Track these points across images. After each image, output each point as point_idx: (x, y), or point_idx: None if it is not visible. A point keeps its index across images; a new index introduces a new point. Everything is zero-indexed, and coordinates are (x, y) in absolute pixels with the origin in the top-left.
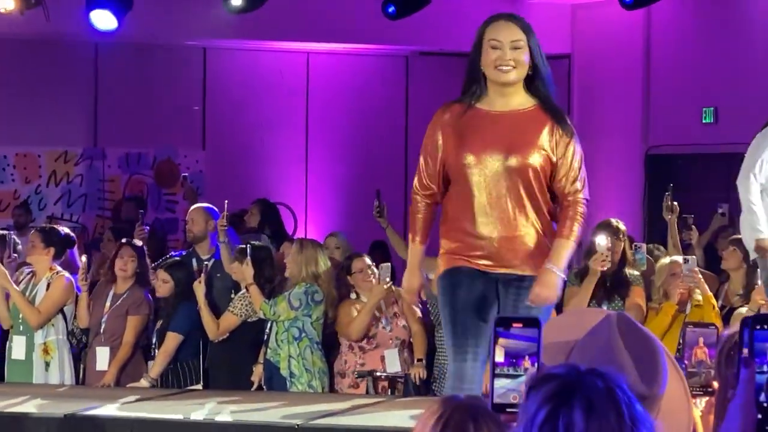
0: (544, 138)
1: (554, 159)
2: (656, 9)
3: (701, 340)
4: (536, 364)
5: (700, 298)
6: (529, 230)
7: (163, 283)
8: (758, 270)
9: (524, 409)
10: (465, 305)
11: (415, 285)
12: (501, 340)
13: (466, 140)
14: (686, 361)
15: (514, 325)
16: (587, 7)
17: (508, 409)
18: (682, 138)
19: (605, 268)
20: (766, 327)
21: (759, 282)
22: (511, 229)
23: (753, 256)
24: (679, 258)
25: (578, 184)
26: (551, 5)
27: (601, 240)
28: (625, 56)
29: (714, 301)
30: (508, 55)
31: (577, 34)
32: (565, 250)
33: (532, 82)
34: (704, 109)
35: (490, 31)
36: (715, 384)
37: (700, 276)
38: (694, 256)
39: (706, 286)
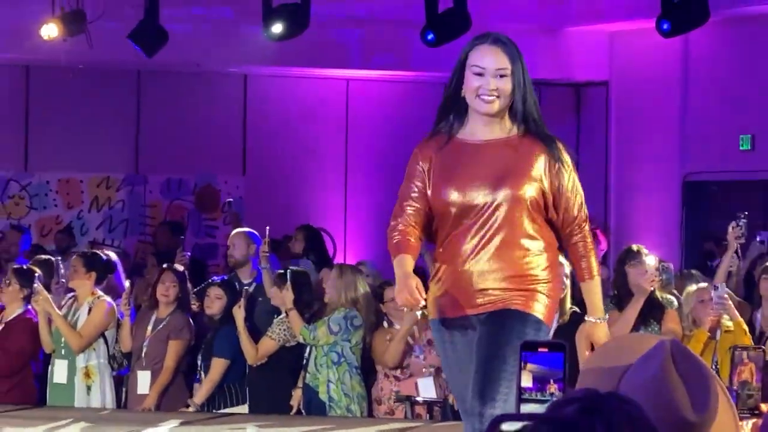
0: (536, 167)
1: (548, 189)
2: (694, 37)
3: (747, 361)
4: (562, 389)
5: (730, 324)
6: (521, 266)
7: (216, 299)
8: None
9: None
10: (459, 371)
11: (412, 283)
12: (528, 366)
13: (449, 175)
14: (731, 380)
15: (540, 349)
16: (625, 35)
17: None
18: (719, 165)
19: (654, 287)
20: None
21: None
22: (501, 267)
23: None
24: (707, 285)
25: (582, 214)
26: (589, 33)
27: (650, 260)
28: (663, 83)
29: (745, 326)
30: (491, 85)
31: (615, 61)
32: (597, 291)
33: (515, 109)
34: (741, 136)
35: (473, 56)
36: (764, 407)
37: (730, 302)
38: (723, 283)
39: (737, 312)
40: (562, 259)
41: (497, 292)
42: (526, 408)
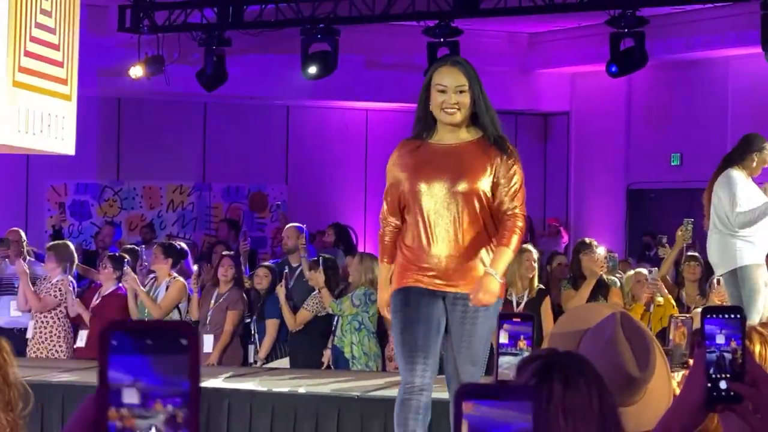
0: (489, 165)
1: (497, 180)
2: (636, 77)
3: (681, 325)
4: (530, 346)
5: (661, 300)
6: (475, 252)
7: (264, 277)
8: (714, 281)
9: (516, 382)
10: (412, 324)
11: (386, 298)
12: (504, 326)
13: (419, 171)
14: (667, 341)
15: (514, 318)
16: (583, 76)
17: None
18: (655, 176)
19: (603, 272)
20: (713, 316)
21: (715, 285)
22: (459, 250)
23: (721, 272)
24: (643, 270)
25: (516, 201)
26: (555, 74)
27: (600, 251)
28: (612, 113)
29: (673, 302)
30: (453, 99)
31: (575, 96)
32: (506, 257)
33: (477, 118)
34: (672, 154)
35: (437, 77)
36: (690, 361)
37: (661, 283)
38: (656, 268)
39: (666, 291)
40: (530, 246)
41: (462, 273)
42: (504, 359)
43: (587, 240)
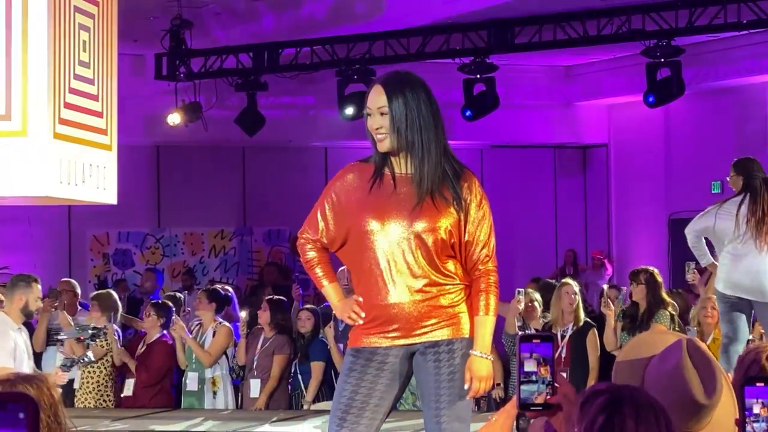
0: (449, 198)
1: (460, 220)
2: (673, 106)
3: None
4: (552, 372)
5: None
6: (440, 294)
7: (306, 320)
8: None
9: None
10: (369, 390)
11: (348, 304)
12: (531, 354)
13: (369, 205)
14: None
15: (534, 340)
16: (620, 107)
17: (533, 408)
18: (696, 205)
19: (611, 311)
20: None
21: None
22: (421, 294)
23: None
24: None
25: (486, 250)
26: (592, 106)
27: (605, 287)
28: (650, 143)
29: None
30: (377, 123)
31: (613, 127)
32: (487, 328)
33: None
34: (713, 182)
35: (368, 98)
36: None
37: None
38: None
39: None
40: (570, 280)
41: (432, 320)
42: (526, 388)
43: (637, 269)
